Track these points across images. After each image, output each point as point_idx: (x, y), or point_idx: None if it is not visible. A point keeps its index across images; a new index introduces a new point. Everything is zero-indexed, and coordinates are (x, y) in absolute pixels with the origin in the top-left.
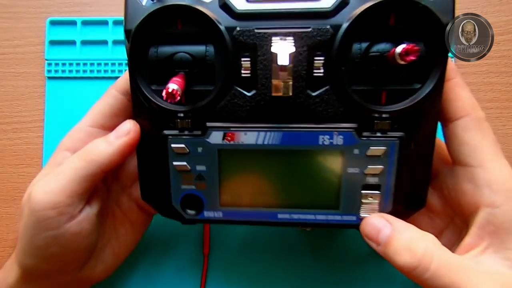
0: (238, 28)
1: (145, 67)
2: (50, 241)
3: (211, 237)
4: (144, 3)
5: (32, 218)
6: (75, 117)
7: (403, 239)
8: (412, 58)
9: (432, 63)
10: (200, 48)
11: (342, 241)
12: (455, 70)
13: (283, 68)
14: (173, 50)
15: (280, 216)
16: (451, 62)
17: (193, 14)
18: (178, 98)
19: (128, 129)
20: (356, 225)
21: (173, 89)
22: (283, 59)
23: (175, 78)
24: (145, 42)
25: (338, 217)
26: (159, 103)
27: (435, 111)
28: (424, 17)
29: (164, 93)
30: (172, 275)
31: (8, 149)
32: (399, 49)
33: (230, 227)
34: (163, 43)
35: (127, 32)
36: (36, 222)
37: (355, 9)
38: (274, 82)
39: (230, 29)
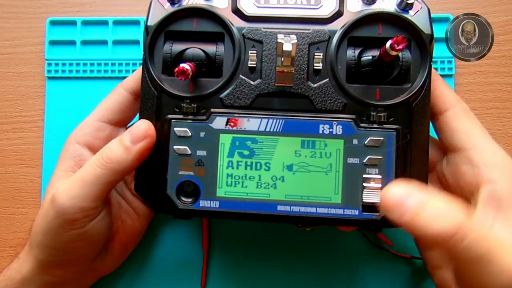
0: (247, 27)
1: (159, 60)
2: (75, 237)
3: (210, 233)
4: (166, 7)
5: (59, 219)
6: (75, 117)
7: (438, 206)
8: (401, 47)
9: (418, 67)
10: (211, 46)
11: (342, 240)
12: (436, 73)
13: (287, 53)
14: (186, 46)
15: (279, 208)
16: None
17: (208, 15)
18: (189, 76)
19: (145, 133)
20: (358, 221)
21: (184, 67)
22: (288, 46)
23: (187, 63)
24: (163, 38)
25: (340, 211)
26: (167, 88)
27: (425, 108)
28: (407, 28)
29: (176, 70)
30: (172, 272)
31: (8, 149)
32: (389, 42)
33: (229, 222)
34: (178, 40)
35: (147, 27)
36: (62, 223)
37: (348, 19)
38: (278, 69)
39: (240, 29)
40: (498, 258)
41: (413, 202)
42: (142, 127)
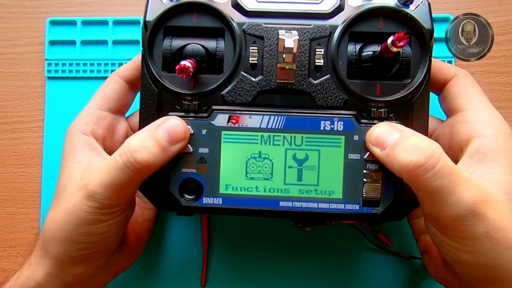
0: (247, 23)
1: (158, 56)
2: (109, 227)
3: (210, 232)
4: (164, 1)
5: (96, 214)
6: (75, 117)
7: (412, 140)
8: (402, 44)
9: (418, 62)
10: (211, 42)
11: (341, 240)
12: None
13: (289, 50)
14: (186, 42)
15: (282, 204)
16: None
17: (208, 10)
18: (190, 74)
19: (185, 134)
20: (358, 215)
21: (185, 65)
22: (290, 42)
23: (188, 59)
24: (162, 33)
25: (341, 206)
26: (168, 86)
27: (425, 103)
28: (408, 23)
29: (177, 67)
30: (172, 271)
31: (8, 149)
32: (390, 39)
33: (229, 221)
34: (177, 35)
35: (146, 23)
36: (101, 215)
37: (349, 14)
38: (280, 65)
39: (240, 24)
40: (457, 191)
41: (392, 139)
42: (181, 128)
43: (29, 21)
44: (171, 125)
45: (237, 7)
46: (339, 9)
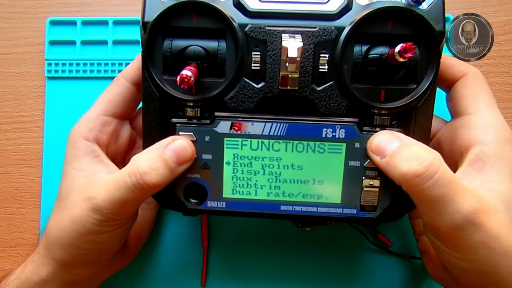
0: (250, 25)
1: (158, 58)
2: (113, 237)
3: (209, 231)
4: (162, 0)
5: (101, 226)
6: (75, 117)
7: (412, 149)
8: (410, 55)
9: (426, 66)
10: (212, 43)
11: (341, 240)
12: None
13: (292, 60)
14: (187, 43)
15: (283, 207)
16: None
17: (209, 11)
18: (192, 83)
19: (191, 155)
20: (355, 218)
21: (187, 75)
22: (293, 51)
23: (188, 67)
24: (161, 34)
25: (339, 210)
26: (170, 92)
27: (429, 109)
28: (418, 24)
29: (178, 78)
30: (172, 271)
31: (8, 149)
32: (398, 48)
33: (229, 221)
34: (177, 36)
35: (144, 24)
36: (106, 227)
37: (357, 15)
38: (282, 73)
39: (242, 26)
40: (456, 200)
41: (392, 147)
42: (189, 149)
43: (29, 21)
44: (179, 146)
45: (239, 6)
46: (347, 9)
